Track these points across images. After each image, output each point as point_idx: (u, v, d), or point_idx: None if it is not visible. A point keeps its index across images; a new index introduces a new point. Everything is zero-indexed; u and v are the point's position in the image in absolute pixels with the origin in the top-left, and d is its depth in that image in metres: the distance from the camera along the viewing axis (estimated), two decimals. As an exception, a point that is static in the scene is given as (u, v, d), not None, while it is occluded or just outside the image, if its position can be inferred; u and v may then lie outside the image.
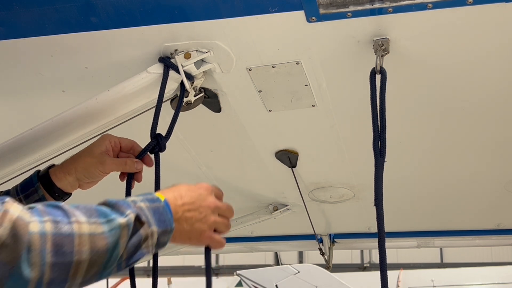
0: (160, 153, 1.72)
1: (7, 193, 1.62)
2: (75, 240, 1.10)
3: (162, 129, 1.74)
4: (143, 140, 1.71)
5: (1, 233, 1.02)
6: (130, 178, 1.67)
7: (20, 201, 1.55)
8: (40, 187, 1.62)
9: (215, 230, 1.39)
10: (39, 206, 1.12)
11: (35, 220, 1.07)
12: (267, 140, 2.38)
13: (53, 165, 1.69)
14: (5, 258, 1.02)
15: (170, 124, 1.75)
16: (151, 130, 1.69)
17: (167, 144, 1.72)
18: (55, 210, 1.12)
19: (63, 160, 1.69)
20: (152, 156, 1.72)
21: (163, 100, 1.75)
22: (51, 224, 1.08)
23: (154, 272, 1.65)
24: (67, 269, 1.09)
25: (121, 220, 1.17)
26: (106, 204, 1.22)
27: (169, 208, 1.29)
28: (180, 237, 1.33)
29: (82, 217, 1.13)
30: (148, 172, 1.72)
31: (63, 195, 1.66)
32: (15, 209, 1.06)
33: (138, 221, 1.21)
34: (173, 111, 1.79)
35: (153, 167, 1.72)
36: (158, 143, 1.68)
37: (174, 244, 1.38)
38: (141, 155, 1.70)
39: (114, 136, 1.69)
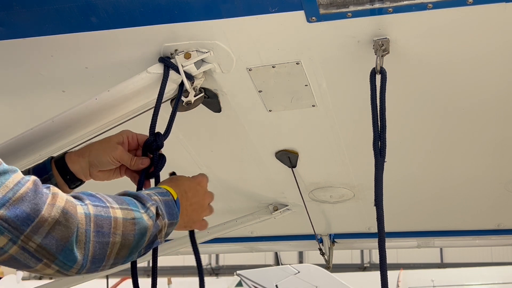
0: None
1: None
2: (112, 223, 1.22)
3: (162, 129, 1.74)
4: (143, 140, 1.71)
5: (55, 211, 1.13)
6: (142, 180, 1.68)
7: None
8: (53, 175, 1.63)
9: None
10: (73, 193, 1.23)
11: (79, 203, 1.19)
12: (267, 140, 2.38)
13: (68, 151, 1.71)
14: (58, 235, 1.13)
15: (168, 123, 1.75)
16: (150, 129, 1.69)
17: (167, 144, 1.72)
18: (91, 196, 1.24)
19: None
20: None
21: (164, 100, 1.75)
22: (92, 207, 1.20)
23: (154, 272, 1.69)
24: (105, 249, 1.22)
25: (145, 210, 1.32)
26: (128, 194, 1.34)
27: (177, 203, 1.47)
28: (178, 226, 1.49)
29: (115, 204, 1.25)
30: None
31: (75, 181, 1.67)
32: (61, 192, 1.17)
33: (157, 213, 1.35)
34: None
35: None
36: (155, 139, 1.69)
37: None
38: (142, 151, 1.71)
39: (132, 131, 1.73)
